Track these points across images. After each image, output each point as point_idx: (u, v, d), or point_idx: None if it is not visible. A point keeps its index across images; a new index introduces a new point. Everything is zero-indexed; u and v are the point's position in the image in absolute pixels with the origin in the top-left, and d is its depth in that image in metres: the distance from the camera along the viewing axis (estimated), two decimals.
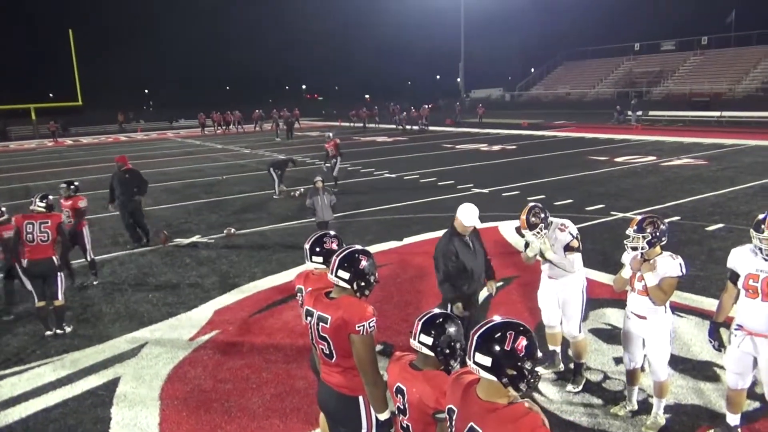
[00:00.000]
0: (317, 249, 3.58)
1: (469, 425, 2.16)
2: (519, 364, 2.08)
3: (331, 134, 16.85)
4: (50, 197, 6.77)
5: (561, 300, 4.89)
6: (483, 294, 5.35)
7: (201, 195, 15.33)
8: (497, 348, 2.09)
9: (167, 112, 52.58)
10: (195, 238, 10.51)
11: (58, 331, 6.45)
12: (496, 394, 2.14)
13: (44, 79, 48.22)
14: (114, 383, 5.31)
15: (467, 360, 2.19)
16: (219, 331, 6.39)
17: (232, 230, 10.80)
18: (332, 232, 3.73)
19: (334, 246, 3.56)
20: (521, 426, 2.01)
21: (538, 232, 4.66)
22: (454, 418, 2.26)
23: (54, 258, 6.44)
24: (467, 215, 4.79)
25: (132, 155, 27.15)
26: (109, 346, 6.12)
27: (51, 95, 51.85)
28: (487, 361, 2.09)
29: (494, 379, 2.10)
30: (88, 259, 8.32)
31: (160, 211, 13.43)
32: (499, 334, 2.11)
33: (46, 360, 5.84)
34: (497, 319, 2.20)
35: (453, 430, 2.27)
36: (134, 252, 9.84)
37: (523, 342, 2.09)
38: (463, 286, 4.83)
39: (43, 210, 6.54)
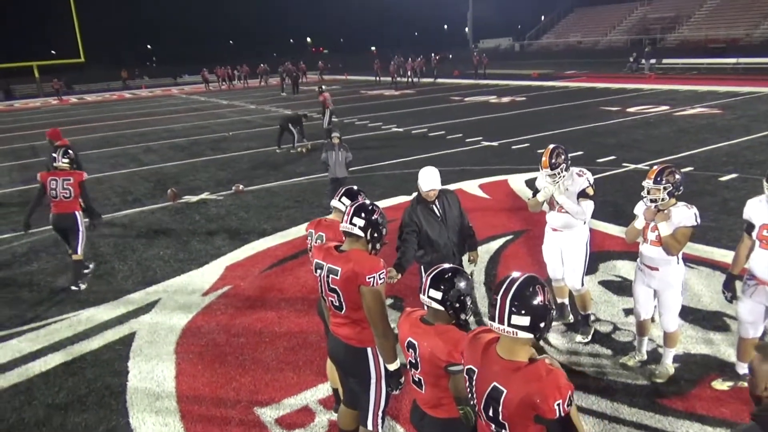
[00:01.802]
0: (349, 195, 3.76)
1: (492, 385, 2.15)
2: (550, 316, 2.16)
3: (323, 87, 17.04)
4: (71, 152, 6.79)
5: (564, 252, 4.85)
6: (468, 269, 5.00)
7: (207, 152, 15.27)
8: (534, 303, 2.10)
9: (171, 68, 51.89)
10: (204, 195, 10.52)
11: (73, 287, 6.58)
12: (519, 352, 2.14)
13: (46, 36, 47.42)
14: (130, 338, 5.42)
15: (496, 323, 2.16)
16: (231, 287, 6.46)
17: (241, 187, 10.78)
18: (359, 189, 3.82)
19: (362, 200, 3.64)
20: (547, 384, 2.02)
21: (557, 173, 4.53)
22: (474, 378, 2.25)
23: (77, 213, 6.58)
24: (424, 179, 4.31)
25: (137, 112, 27.05)
26: (124, 302, 6.22)
27: (53, 52, 51.16)
28: (525, 320, 2.09)
29: (531, 336, 2.11)
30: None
31: (168, 168, 13.41)
32: (530, 289, 2.12)
33: (62, 316, 5.95)
34: (516, 274, 2.19)
35: (474, 390, 2.26)
36: (144, 210, 9.88)
37: (548, 294, 2.17)
38: (425, 256, 4.41)
39: (66, 167, 6.63)
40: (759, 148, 11.82)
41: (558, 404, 1.98)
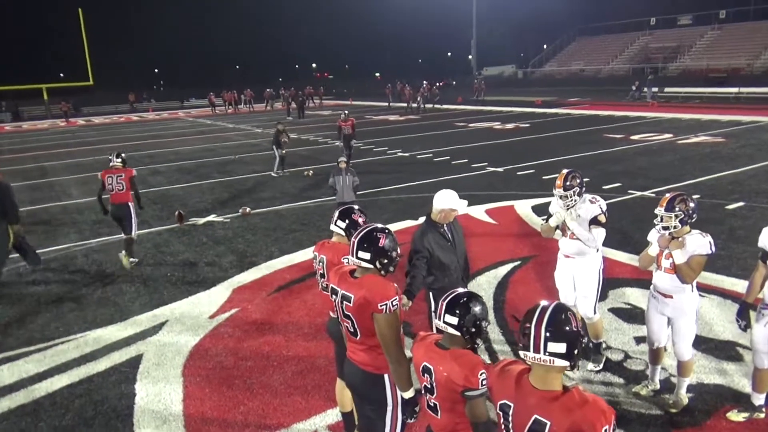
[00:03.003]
0: (343, 215, 3.72)
1: (533, 418, 2.10)
2: (582, 341, 2.14)
3: (347, 112, 16.34)
4: (124, 155, 8.29)
5: (577, 279, 4.83)
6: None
7: (214, 174, 15.36)
8: (568, 329, 2.09)
9: (178, 91, 52.53)
10: (210, 218, 10.55)
11: (132, 259, 8.00)
12: (553, 381, 2.11)
13: (55, 59, 48.23)
14: (137, 360, 5.38)
15: (531, 352, 2.12)
16: (238, 309, 6.44)
17: (248, 209, 10.82)
18: (357, 207, 3.77)
19: (360, 220, 3.65)
20: (591, 410, 2.00)
21: (569, 195, 4.55)
22: (510, 413, 2.19)
23: (129, 204, 8.01)
24: (448, 200, 4.25)
25: (144, 135, 27.29)
26: (131, 324, 6.19)
27: (62, 75, 51.89)
28: (561, 347, 2.07)
29: (567, 364, 2.09)
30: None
31: (175, 190, 13.48)
32: (563, 316, 2.12)
33: (69, 337, 5.92)
34: (545, 302, 2.18)
35: (511, 425, 2.20)
36: (152, 231, 9.90)
37: (578, 320, 2.19)
38: (435, 282, 4.36)
39: (119, 166, 8.11)
40: (764, 176, 11.85)
41: (605, 429, 1.97)
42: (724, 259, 7.10)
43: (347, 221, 3.68)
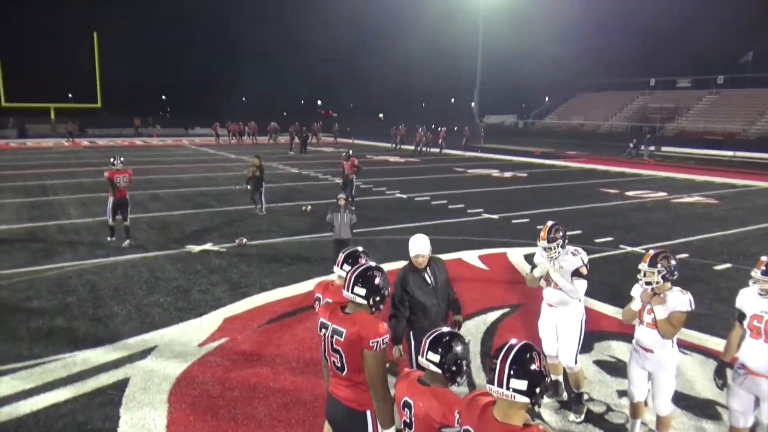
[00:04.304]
0: (350, 260, 3.70)
1: None
2: (545, 382, 2.27)
3: (350, 152, 16.20)
4: (122, 158, 11.09)
5: (559, 328, 4.95)
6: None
7: (213, 203, 15.53)
8: (532, 368, 2.22)
9: (183, 119, 53.18)
10: (207, 246, 10.65)
11: (128, 241, 10.54)
12: (514, 416, 2.24)
13: (65, 80, 49.02)
14: (124, 383, 5.41)
15: (495, 386, 2.28)
16: (228, 339, 6.48)
17: (244, 240, 10.93)
18: (361, 248, 3.84)
19: (363, 262, 3.70)
20: None
21: (553, 248, 4.72)
22: None
23: (127, 196, 10.78)
24: (413, 245, 4.50)
25: (147, 160, 27.56)
26: (120, 347, 6.23)
27: (70, 96, 52.62)
28: (522, 384, 2.21)
29: (527, 401, 2.21)
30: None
31: (173, 216, 13.61)
32: (528, 355, 2.25)
33: (58, 356, 5.95)
34: (514, 341, 2.32)
35: None
36: (147, 255, 9.98)
37: (544, 361, 2.31)
38: (416, 322, 4.53)
39: (122, 167, 10.83)
40: (753, 240, 12.07)
41: None
42: (708, 318, 7.21)
43: (354, 264, 3.63)
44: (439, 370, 2.68)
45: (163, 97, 76.68)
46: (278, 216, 13.88)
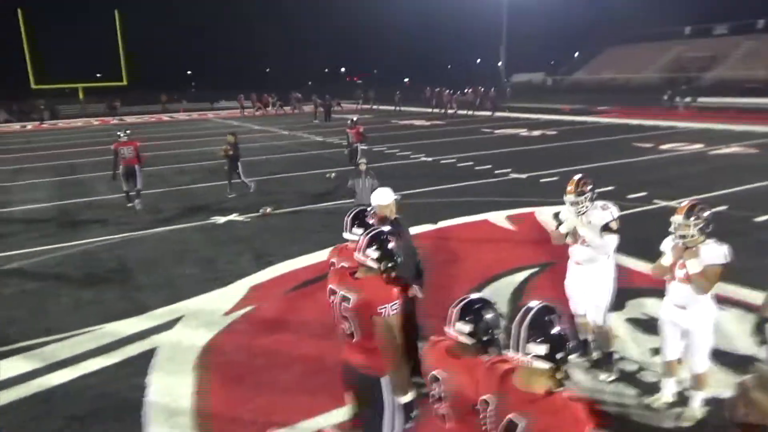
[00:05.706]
0: (357, 222, 3.60)
1: (508, 417, 2.09)
2: (568, 346, 2.10)
3: (354, 119, 15.92)
4: (129, 131, 11.86)
5: (588, 287, 4.72)
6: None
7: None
8: (551, 331, 2.06)
9: (209, 93, 53.35)
10: (232, 216, 10.68)
11: (137, 201, 11.58)
12: (536, 383, 2.08)
13: (92, 59, 49.52)
14: (151, 353, 5.46)
15: (511, 351, 2.14)
16: (253, 307, 6.49)
17: (269, 209, 10.92)
18: (370, 209, 3.74)
19: (374, 221, 3.60)
20: (562, 418, 1.96)
21: (581, 201, 4.50)
22: (489, 409, 2.20)
23: (136, 166, 11.52)
24: (373, 197, 4.66)
25: (174, 134, 27.79)
26: (147, 318, 6.29)
27: (98, 75, 53.20)
28: (541, 349, 2.05)
29: (548, 366, 2.06)
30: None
31: (199, 189, 13.68)
32: (547, 318, 2.09)
33: (86, 329, 6.04)
34: (533, 303, 2.15)
35: (488, 421, 2.20)
36: (174, 228, 10.06)
37: (567, 324, 2.14)
38: None
39: (127, 139, 11.57)
40: None
41: None
42: (749, 272, 6.87)
43: (363, 224, 3.60)
44: (470, 341, 2.51)
45: (188, 72, 77.02)
46: (302, 183, 13.81)
